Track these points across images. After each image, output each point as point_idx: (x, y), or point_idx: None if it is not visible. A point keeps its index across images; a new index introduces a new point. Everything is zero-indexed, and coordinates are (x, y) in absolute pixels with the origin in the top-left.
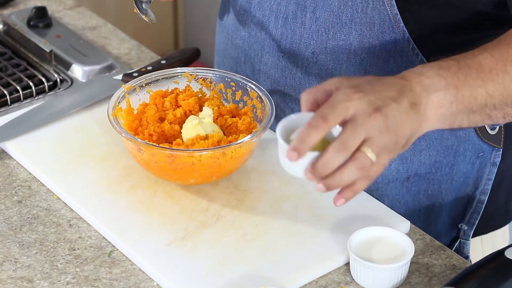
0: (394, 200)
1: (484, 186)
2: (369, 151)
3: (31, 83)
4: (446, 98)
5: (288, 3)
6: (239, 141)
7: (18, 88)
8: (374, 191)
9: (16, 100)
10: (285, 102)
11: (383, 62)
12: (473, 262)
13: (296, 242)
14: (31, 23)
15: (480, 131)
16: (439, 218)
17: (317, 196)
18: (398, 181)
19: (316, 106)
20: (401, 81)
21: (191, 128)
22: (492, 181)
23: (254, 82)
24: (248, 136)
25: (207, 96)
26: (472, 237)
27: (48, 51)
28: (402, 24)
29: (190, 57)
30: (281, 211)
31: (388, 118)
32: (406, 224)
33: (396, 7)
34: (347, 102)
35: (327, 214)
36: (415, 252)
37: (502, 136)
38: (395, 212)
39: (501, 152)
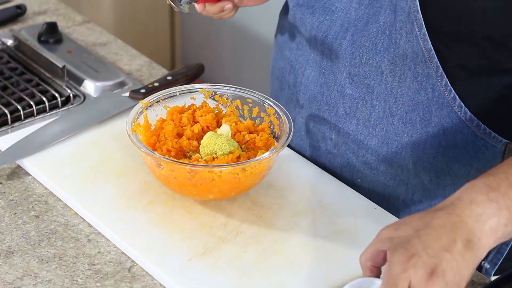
0: None
1: None
2: None
3: (44, 98)
4: (499, 223)
5: (332, 24)
6: (258, 157)
7: (32, 103)
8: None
9: (30, 115)
10: (314, 121)
11: (413, 93)
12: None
13: (316, 257)
14: (42, 38)
15: None
16: None
17: (335, 212)
18: (419, 211)
19: (376, 270)
20: (451, 219)
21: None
22: None
23: (271, 99)
24: (268, 152)
25: (224, 112)
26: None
27: (61, 66)
28: (436, 60)
29: (195, 73)
30: (300, 227)
31: (445, 274)
32: None
33: (430, 42)
34: (404, 273)
35: (346, 229)
36: None
37: None
38: None
39: None
